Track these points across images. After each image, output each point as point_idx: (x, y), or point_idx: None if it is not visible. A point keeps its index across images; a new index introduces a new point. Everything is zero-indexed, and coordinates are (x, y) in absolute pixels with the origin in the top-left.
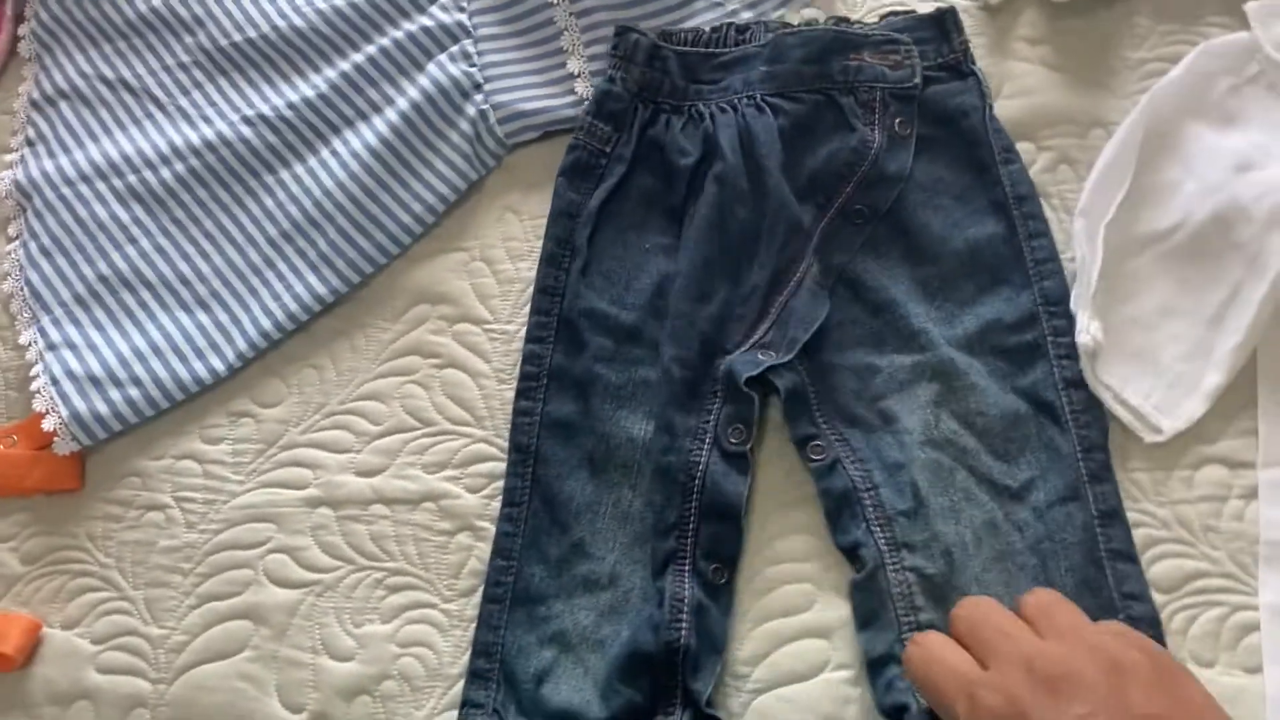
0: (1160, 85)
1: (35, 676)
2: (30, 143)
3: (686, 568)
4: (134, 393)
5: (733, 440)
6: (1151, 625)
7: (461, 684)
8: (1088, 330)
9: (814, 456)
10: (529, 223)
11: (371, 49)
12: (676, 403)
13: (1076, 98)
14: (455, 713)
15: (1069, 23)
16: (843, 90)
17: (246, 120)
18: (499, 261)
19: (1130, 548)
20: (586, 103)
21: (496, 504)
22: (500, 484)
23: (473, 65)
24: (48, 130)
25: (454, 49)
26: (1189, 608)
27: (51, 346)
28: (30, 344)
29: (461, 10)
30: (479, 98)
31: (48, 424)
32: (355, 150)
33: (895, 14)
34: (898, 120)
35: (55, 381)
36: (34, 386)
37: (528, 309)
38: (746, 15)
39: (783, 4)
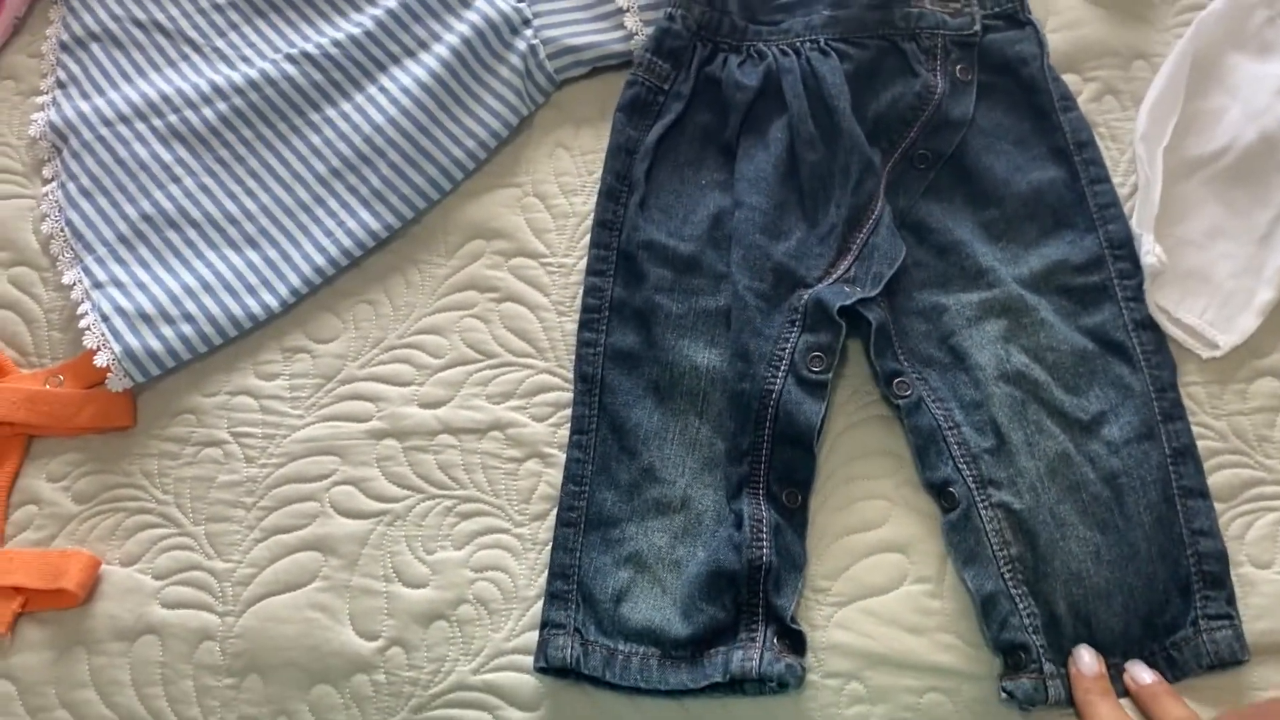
0: (1203, 16)
1: (98, 614)
2: (61, 85)
3: (761, 492)
4: (186, 329)
5: (813, 369)
6: (1218, 560)
7: (538, 606)
8: (1153, 251)
9: (900, 393)
10: (580, 158)
11: None
12: (751, 330)
13: (1119, 31)
14: (534, 633)
15: None
16: (905, 36)
17: (290, 59)
18: (552, 196)
19: (1202, 484)
20: (636, 37)
21: (563, 432)
22: (566, 412)
23: (521, 0)
24: (79, 72)
25: None
26: (1246, 514)
27: (98, 285)
28: (74, 283)
29: None
30: (528, 33)
31: (100, 360)
32: (405, 86)
33: None
34: (959, 66)
35: (105, 318)
36: (83, 324)
37: (584, 243)
38: None
39: None
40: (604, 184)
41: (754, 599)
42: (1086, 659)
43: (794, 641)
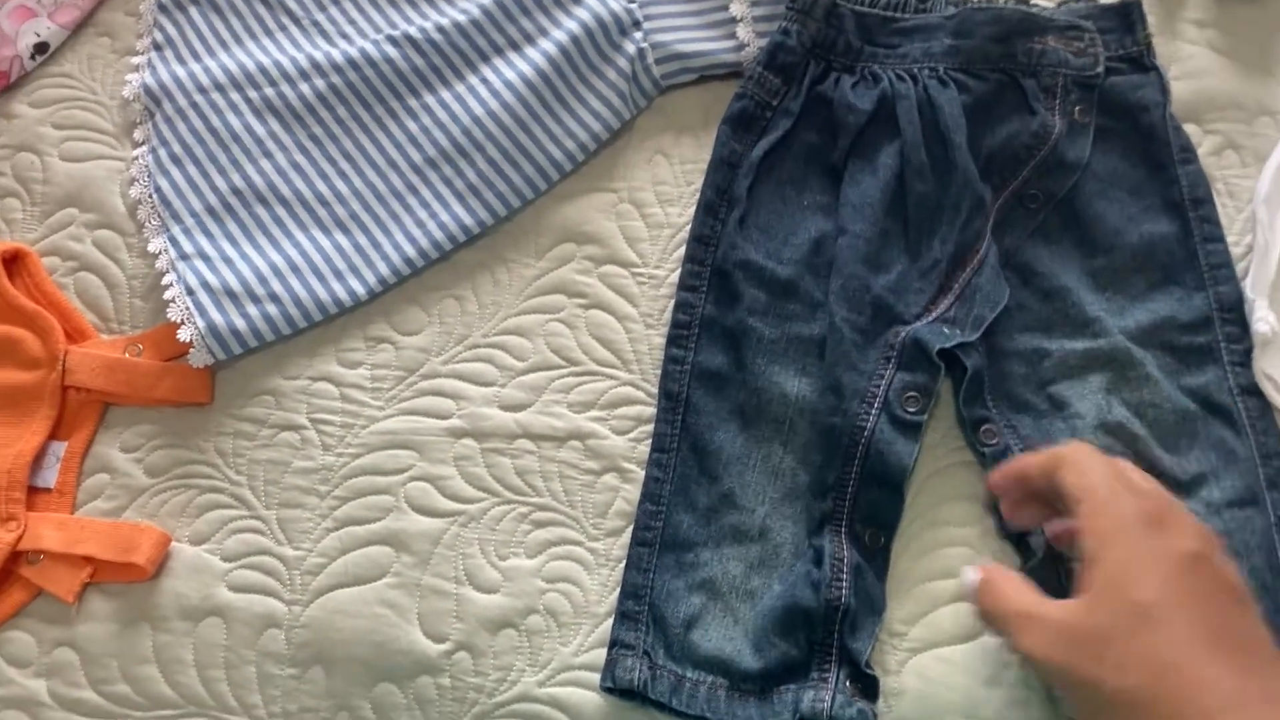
0: None
1: (165, 590)
2: (158, 46)
3: (843, 530)
4: (271, 309)
5: (909, 409)
6: None
7: (608, 623)
8: (1266, 319)
9: (986, 441)
10: (679, 167)
11: None
12: (846, 364)
13: (1245, 84)
14: (602, 650)
15: (1238, 9)
16: (1025, 72)
17: (391, 40)
18: (648, 205)
19: None
20: (747, 49)
21: (643, 447)
22: (647, 428)
23: (633, 1)
24: (176, 35)
25: None
26: None
27: (184, 256)
28: (160, 252)
29: None
30: (638, 35)
31: (183, 335)
32: (508, 80)
33: (1078, 0)
34: (1078, 108)
35: (190, 292)
36: (168, 295)
37: (677, 255)
38: None
39: None
40: (703, 198)
41: (829, 639)
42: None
43: (866, 686)
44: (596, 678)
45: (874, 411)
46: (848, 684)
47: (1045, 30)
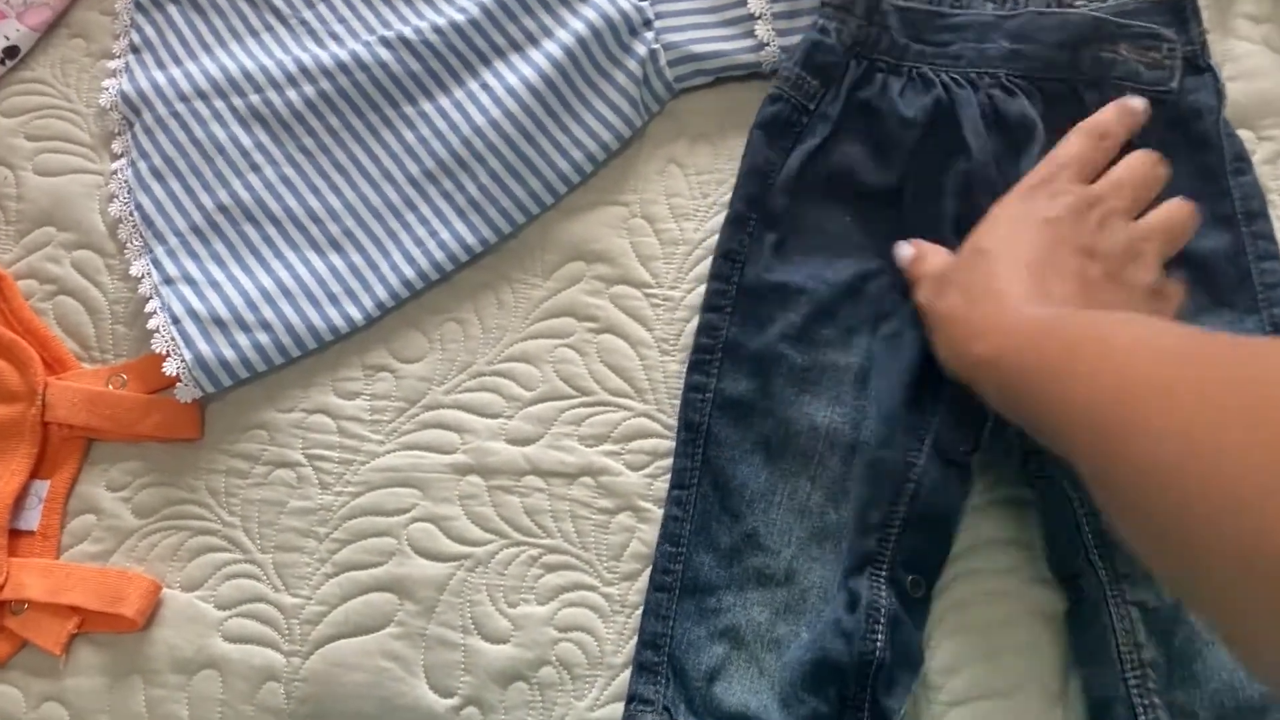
0: None
1: (156, 641)
2: (136, 49)
3: (883, 574)
4: (263, 338)
5: (961, 446)
6: None
7: (625, 674)
8: None
9: (1037, 473)
10: (695, 178)
11: None
12: (901, 396)
13: None
14: (619, 705)
15: None
16: (1088, 84)
17: (385, 42)
18: (662, 219)
19: None
20: (767, 48)
21: (660, 483)
22: (663, 462)
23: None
24: (155, 36)
25: None
26: None
27: (168, 280)
28: (143, 276)
29: None
30: (649, 35)
31: (169, 368)
32: (511, 86)
33: None
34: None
35: (176, 321)
36: (152, 325)
37: (693, 274)
38: None
39: None
40: (732, 210)
41: (860, 694)
42: None
43: None
44: None
45: (924, 449)
46: None
47: (1117, 38)
